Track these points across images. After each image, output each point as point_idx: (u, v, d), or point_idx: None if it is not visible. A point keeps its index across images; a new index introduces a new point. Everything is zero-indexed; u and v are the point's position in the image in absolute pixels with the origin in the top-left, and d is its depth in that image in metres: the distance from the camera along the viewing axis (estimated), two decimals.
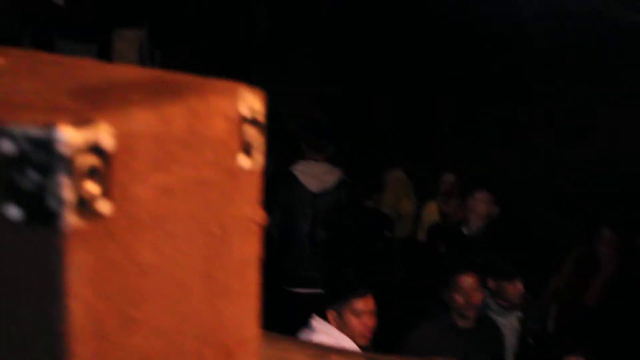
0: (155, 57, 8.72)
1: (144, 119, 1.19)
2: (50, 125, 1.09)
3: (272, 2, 10.11)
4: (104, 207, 1.11)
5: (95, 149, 1.11)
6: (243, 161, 1.37)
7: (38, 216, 1.08)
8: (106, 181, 1.12)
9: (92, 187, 1.10)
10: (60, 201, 1.08)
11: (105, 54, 8.50)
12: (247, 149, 1.38)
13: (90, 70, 1.49)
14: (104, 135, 1.12)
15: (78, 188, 1.09)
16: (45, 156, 1.09)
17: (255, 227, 1.39)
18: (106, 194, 1.11)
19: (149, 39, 8.60)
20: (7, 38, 9.20)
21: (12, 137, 1.09)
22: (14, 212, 1.09)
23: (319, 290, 7.08)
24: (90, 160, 1.10)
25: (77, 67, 1.52)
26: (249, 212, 1.38)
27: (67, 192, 1.08)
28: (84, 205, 1.09)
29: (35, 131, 1.09)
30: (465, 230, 7.75)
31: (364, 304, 5.84)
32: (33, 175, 1.09)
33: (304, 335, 5.78)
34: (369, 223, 8.12)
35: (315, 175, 7.35)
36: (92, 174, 1.10)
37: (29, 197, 1.09)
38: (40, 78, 1.41)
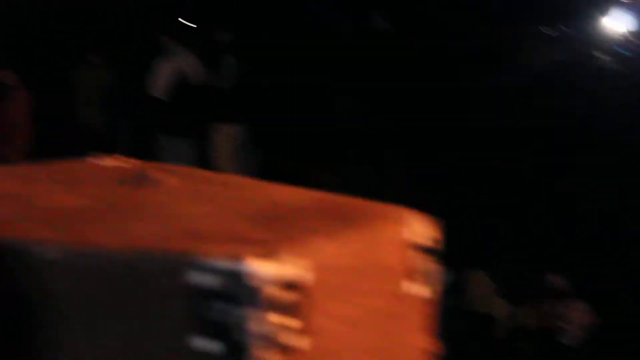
0: (252, 152, 8.82)
1: (328, 250, 1.18)
2: (239, 258, 1.09)
3: (367, 100, 10.18)
4: (297, 341, 1.10)
5: (285, 282, 1.10)
6: (412, 288, 1.35)
7: (228, 349, 1.07)
8: (297, 315, 1.10)
9: (284, 321, 1.09)
10: (252, 335, 1.07)
11: (202, 148, 8.65)
12: (416, 276, 1.36)
13: (256, 191, 1.49)
14: (295, 268, 1.11)
15: (270, 322, 1.08)
16: (235, 289, 1.08)
17: (424, 356, 1.36)
18: (297, 327, 1.10)
19: (246, 134, 8.72)
20: (107, 130, 9.43)
21: (201, 269, 1.09)
22: (203, 344, 1.08)
23: None
24: (281, 293, 1.09)
25: (242, 187, 1.53)
26: (418, 340, 1.36)
27: (259, 326, 1.07)
28: (276, 340, 1.08)
29: (224, 264, 1.09)
30: (563, 340, 7.55)
31: None
32: (223, 308, 1.08)
33: None
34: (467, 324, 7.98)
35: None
36: (284, 307, 1.09)
37: (219, 330, 1.08)
38: (210, 201, 1.41)
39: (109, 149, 6.85)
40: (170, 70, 8.46)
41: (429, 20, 11.25)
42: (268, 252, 1.10)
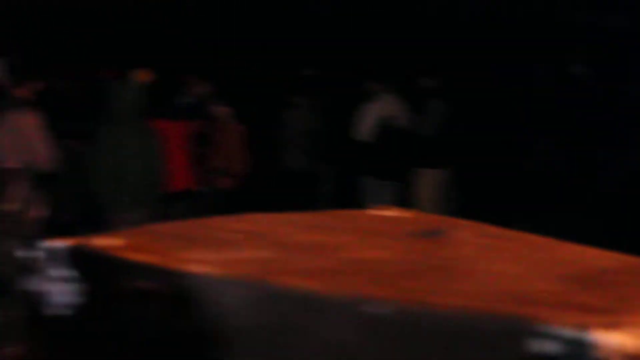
0: (454, 197, 8.73)
1: None
2: (585, 328, 1.04)
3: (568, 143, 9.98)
4: None
5: (631, 354, 1.05)
6: None
7: None
8: None
9: None
10: None
11: (405, 191, 8.63)
12: None
13: (558, 251, 1.45)
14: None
15: None
16: (580, 359, 1.04)
17: None
18: None
19: (449, 179, 8.65)
20: (308, 173, 9.55)
21: (543, 336, 1.05)
22: None
23: None
24: None
25: (542, 247, 1.48)
26: None
27: None
28: None
29: (568, 332, 1.04)
30: None
31: None
32: None
33: None
34: None
35: None
36: None
37: None
38: (516, 259, 1.38)
39: (311, 190, 6.90)
40: (375, 114, 8.50)
41: (629, 66, 10.95)
42: (613, 322, 1.06)
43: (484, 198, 8.91)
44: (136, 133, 6.39)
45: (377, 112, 8.64)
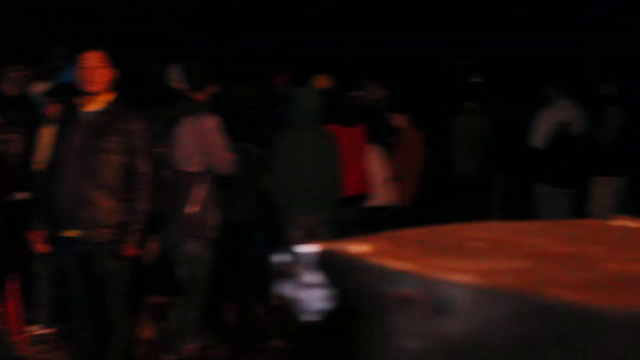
0: (631, 205, 8.47)
1: None
2: None
3: None
4: None
5: None
6: None
7: None
8: None
9: None
10: None
11: (580, 199, 8.43)
12: None
13: None
14: None
15: None
16: None
17: None
18: None
19: (626, 187, 8.39)
20: (480, 180, 9.43)
21: None
22: None
23: None
24: None
25: None
26: None
27: None
28: None
29: None
30: None
31: None
32: None
33: None
34: None
35: None
36: None
37: None
38: None
39: (482, 197, 6.77)
40: (552, 120, 8.33)
41: None
42: None
43: None
44: (315, 138, 6.43)
45: (553, 118, 8.45)
